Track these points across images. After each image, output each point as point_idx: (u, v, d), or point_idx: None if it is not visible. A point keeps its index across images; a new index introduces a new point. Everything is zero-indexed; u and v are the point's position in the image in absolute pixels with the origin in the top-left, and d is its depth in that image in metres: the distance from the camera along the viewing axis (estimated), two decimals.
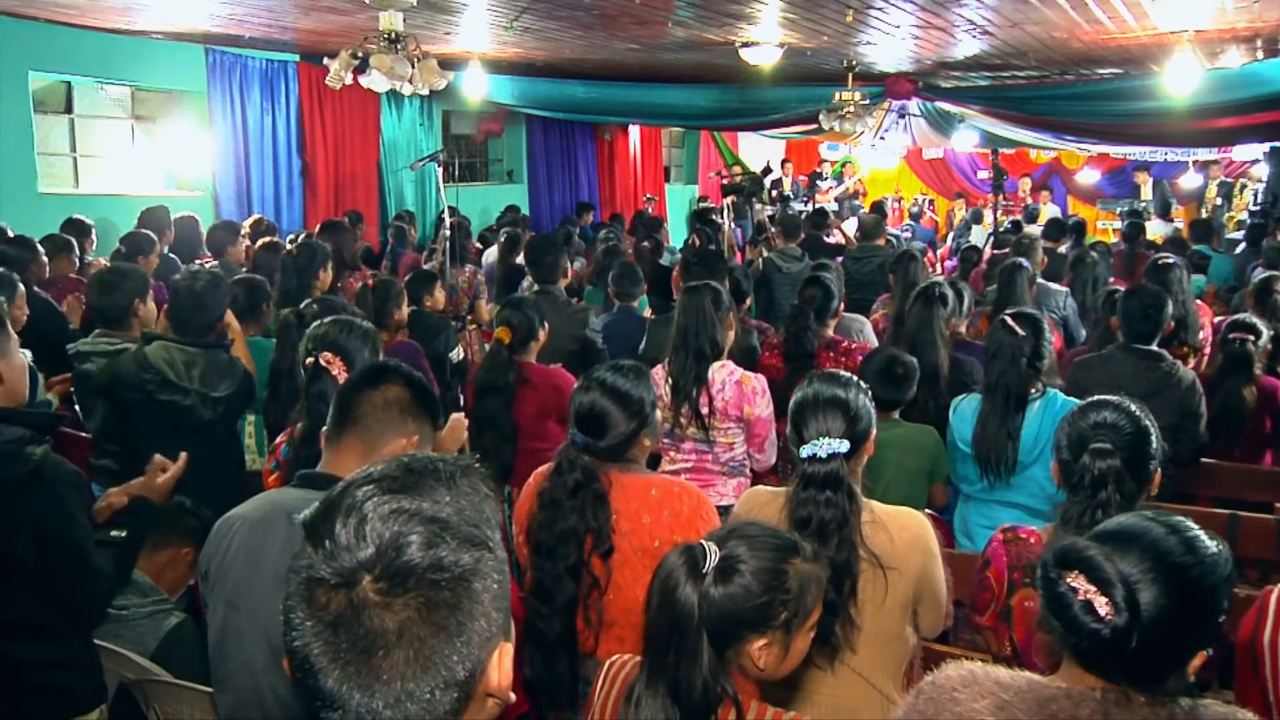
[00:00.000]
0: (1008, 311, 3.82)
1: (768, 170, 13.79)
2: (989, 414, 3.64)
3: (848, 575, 2.40)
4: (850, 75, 10.07)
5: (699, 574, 1.79)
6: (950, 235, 15.27)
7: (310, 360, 2.91)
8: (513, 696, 1.16)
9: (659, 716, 1.77)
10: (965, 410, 3.79)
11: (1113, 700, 1.56)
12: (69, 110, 9.13)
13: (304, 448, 2.75)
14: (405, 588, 1.04)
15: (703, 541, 1.85)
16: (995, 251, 8.99)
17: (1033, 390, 3.63)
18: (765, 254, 8.23)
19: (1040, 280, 6.57)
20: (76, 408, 4.70)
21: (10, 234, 6.30)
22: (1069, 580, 1.54)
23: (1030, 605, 2.54)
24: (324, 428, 2.33)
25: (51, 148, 8.91)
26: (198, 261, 7.42)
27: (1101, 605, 1.51)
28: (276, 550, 2.16)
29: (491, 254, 9.36)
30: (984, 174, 16.99)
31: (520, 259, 8.57)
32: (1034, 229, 10.44)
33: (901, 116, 12.05)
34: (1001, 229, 11.21)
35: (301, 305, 4.29)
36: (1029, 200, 15.21)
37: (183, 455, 2.97)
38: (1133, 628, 1.49)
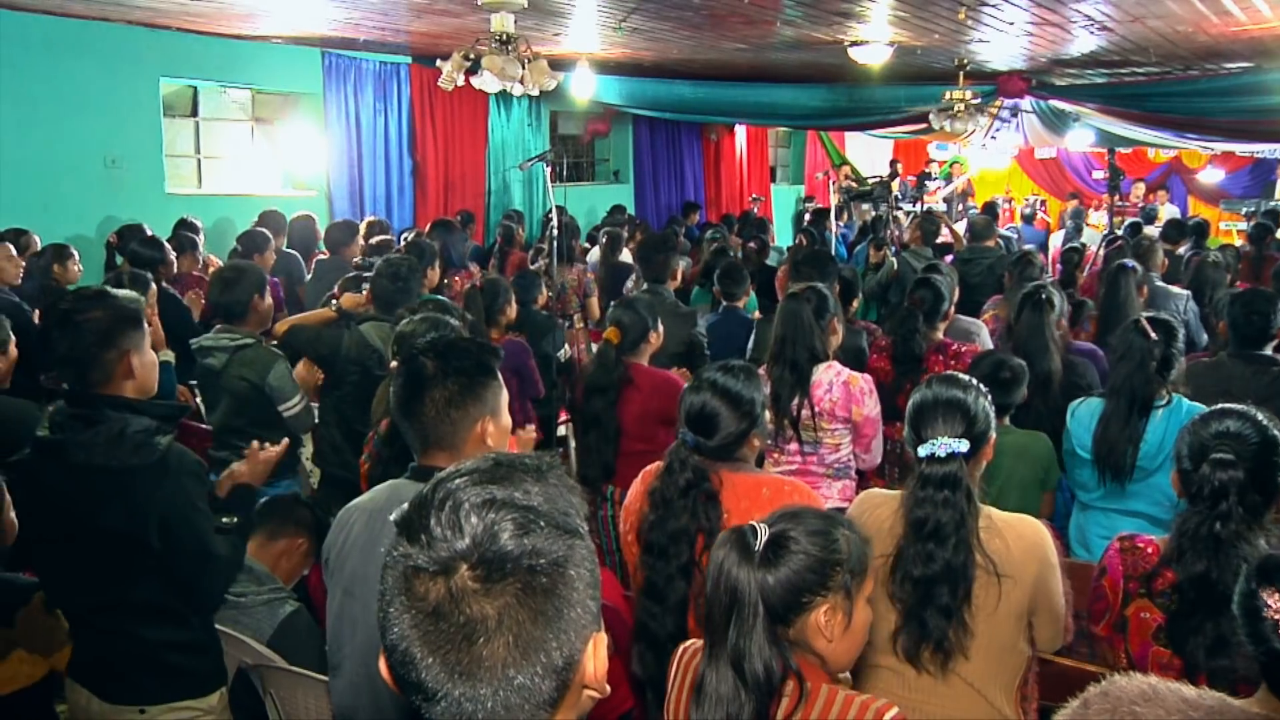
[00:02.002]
0: (1145, 314, 3.70)
1: (894, 174, 13.62)
2: (1111, 417, 3.52)
3: (963, 579, 2.36)
4: (961, 74, 9.85)
5: (750, 551, 1.85)
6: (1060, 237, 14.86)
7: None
8: (608, 689, 1.18)
9: (726, 693, 1.80)
10: (1084, 415, 3.67)
11: None
12: (195, 114, 9.46)
13: (391, 438, 2.84)
14: (503, 573, 1.06)
15: (752, 523, 1.91)
16: (1109, 249, 8.72)
17: (1159, 397, 3.51)
18: (896, 253, 8.24)
19: (1158, 283, 6.36)
20: (198, 400, 4.86)
21: (149, 233, 6.54)
22: (1265, 595, 1.48)
23: (1146, 617, 2.48)
24: None
25: (178, 150, 9.23)
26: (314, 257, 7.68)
27: None
28: (391, 540, 2.20)
29: (595, 254, 9.41)
30: (1099, 174, 16.51)
31: (622, 258, 8.64)
32: (1152, 230, 10.12)
33: (1014, 115, 11.76)
34: (1119, 230, 10.88)
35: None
36: (1143, 201, 14.71)
37: (284, 441, 3.11)
38: None
